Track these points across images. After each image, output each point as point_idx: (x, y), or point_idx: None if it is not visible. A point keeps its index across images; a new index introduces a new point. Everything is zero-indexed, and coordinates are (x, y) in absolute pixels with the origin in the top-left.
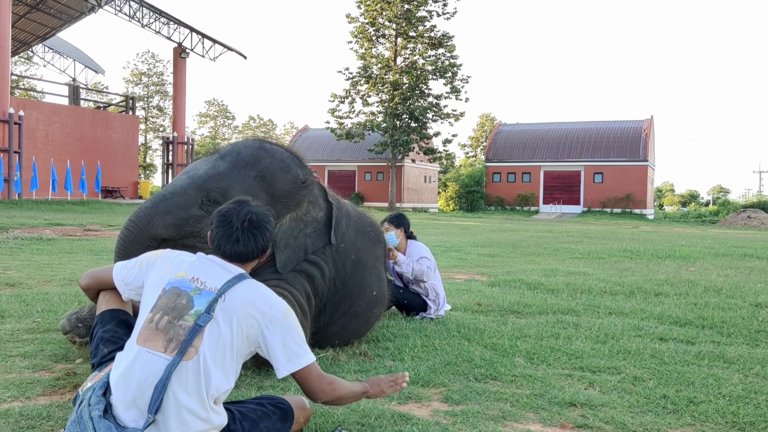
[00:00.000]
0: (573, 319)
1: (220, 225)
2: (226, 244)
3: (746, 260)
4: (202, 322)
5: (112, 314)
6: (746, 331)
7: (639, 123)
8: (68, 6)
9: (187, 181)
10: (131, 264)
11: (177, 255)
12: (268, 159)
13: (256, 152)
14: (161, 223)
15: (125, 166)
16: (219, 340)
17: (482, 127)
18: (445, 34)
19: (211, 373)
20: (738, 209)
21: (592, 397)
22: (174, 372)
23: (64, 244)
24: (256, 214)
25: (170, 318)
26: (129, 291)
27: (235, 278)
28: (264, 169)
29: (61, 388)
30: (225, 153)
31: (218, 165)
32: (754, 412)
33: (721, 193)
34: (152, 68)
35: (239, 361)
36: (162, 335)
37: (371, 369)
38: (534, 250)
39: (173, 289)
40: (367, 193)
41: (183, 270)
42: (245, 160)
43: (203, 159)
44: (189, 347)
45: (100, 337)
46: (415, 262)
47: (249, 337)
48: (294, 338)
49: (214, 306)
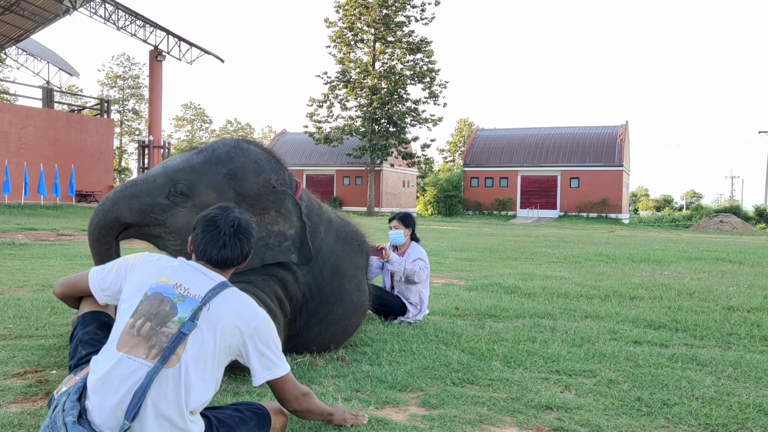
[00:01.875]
0: (549, 322)
1: (206, 230)
2: (213, 249)
3: (719, 264)
4: (186, 330)
5: (94, 316)
6: (718, 334)
7: (614, 129)
8: (42, 8)
9: (159, 170)
10: (107, 269)
11: (157, 259)
12: (242, 158)
13: (232, 150)
14: (126, 206)
15: (100, 169)
16: (202, 349)
17: (460, 132)
18: (423, 40)
19: (192, 383)
20: (711, 214)
21: (568, 400)
22: (154, 379)
23: (36, 249)
24: (242, 219)
25: (153, 324)
26: (106, 296)
27: (218, 286)
28: (236, 167)
29: (33, 395)
30: (202, 149)
31: (192, 159)
32: (726, 414)
33: (695, 198)
34: (128, 71)
35: (220, 370)
36: (144, 342)
37: (349, 374)
38: (511, 254)
39: (156, 294)
40: (345, 197)
41: (165, 275)
42: (219, 156)
43: (182, 153)
44: (171, 355)
45: (79, 338)
46: (409, 262)
47: (231, 347)
48: (272, 348)
49: (199, 314)
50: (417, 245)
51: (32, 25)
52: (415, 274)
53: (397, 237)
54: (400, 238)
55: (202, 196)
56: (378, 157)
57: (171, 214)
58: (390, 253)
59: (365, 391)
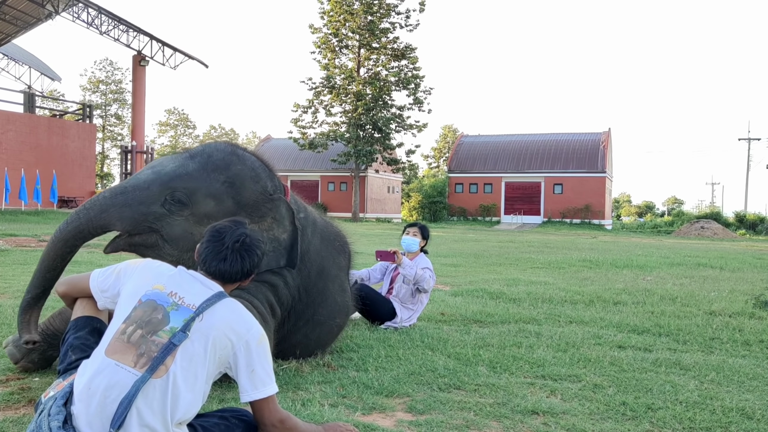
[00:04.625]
0: (534, 328)
1: (211, 241)
2: (213, 261)
3: (700, 269)
4: (176, 341)
5: (87, 321)
6: (701, 339)
7: (597, 135)
8: (24, 12)
9: (152, 177)
10: (109, 271)
11: (158, 266)
12: (239, 165)
13: (228, 157)
14: (117, 215)
15: (82, 175)
16: (192, 361)
17: (445, 138)
18: (408, 46)
19: (180, 394)
20: (692, 220)
21: (553, 405)
22: (141, 389)
23: (17, 255)
24: (249, 237)
25: (143, 332)
26: (105, 299)
27: (214, 296)
28: (234, 175)
29: (16, 402)
30: (195, 153)
31: (187, 164)
32: (710, 418)
33: (676, 204)
34: (110, 76)
35: (209, 382)
36: (133, 349)
37: (335, 380)
38: (496, 260)
39: (149, 301)
40: (330, 203)
41: (162, 282)
42: (216, 163)
43: (171, 156)
44: (160, 365)
45: (70, 343)
46: (420, 268)
47: (221, 358)
48: (263, 366)
49: (191, 325)
50: (425, 257)
51: (14, 29)
52: (425, 280)
53: (413, 244)
54: (415, 246)
55: (201, 204)
56: (363, 163)
57: (167, 222)
58: (402, 256)
59: (352, 397)
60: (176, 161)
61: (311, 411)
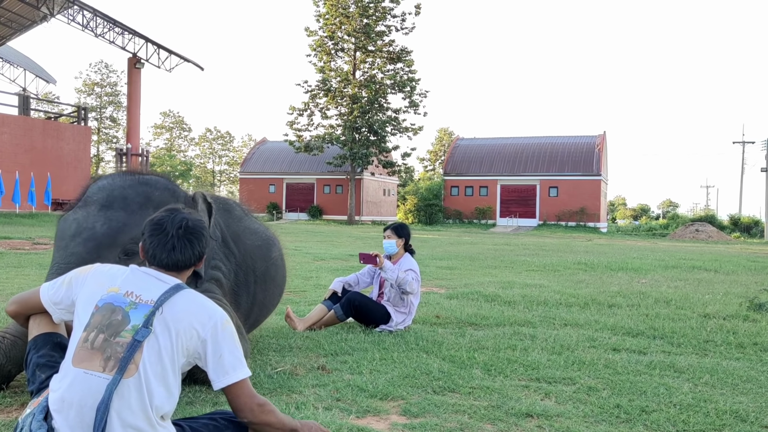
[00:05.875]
0: (529, 330)
1: (153, 234)
2: (162, 253)
3: (695, 272)
4: (140, 337)
5: (46, 338)
6: (695, 341)
7: (592, 138)
8: (19, 15)
9: (91, 245)
10: (58, 283)
11: (108, 269)
12: (157, 192)
13: (142, 189)
14: None
15: (77, 177)
16: (159, 354)
17: (440, 141)
18: (404, 49)
19: (154, 389)
20: (687, 223)
21: (548, 408)
22: (115, 391)
23: (11, 258)
24: (191, 220)
25: (106, 336)
26: (59, 311)
27: (171, 289)
28: (159, 203)
29: (8, 406)
30: (105, 200)
31: (112, 216)
32: (704, 420)
33: (671, 207)
34: (105, 78)
35: (178, 374)
36: (99, 354)
37: (329, 383)
38: (491, 262)
39: (107, 305)
40: (325, 205)
41: (116, 285)
42: (136, 201)
43: (81, 213)
44: (129, 364)
45: (35, 363)
46: (402, 271)
47: (188, 349)
48: (231, 350)
49: (152, 319)
50: (410, 257)
51: (9, 31)
52: (407, 283)
53: (390, 247)
54: (392, 248)
55: None
56: (358, 166)
57: None
58: (384, 260)
59: (346, 400)
60: (96, 218)
61: (305, 414)
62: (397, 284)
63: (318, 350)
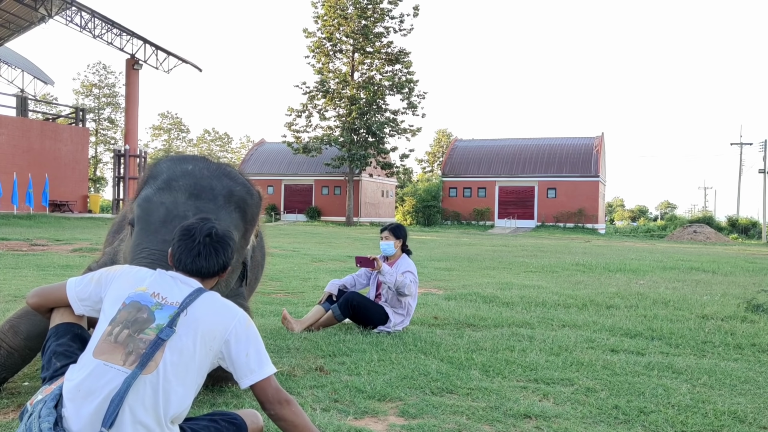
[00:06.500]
0: (527, 331)
1: (182, 239)
2: (187, 258)
3: (693, 273)
4: (164, 336)
5: (67, 328)
6: (693, 342)
7: (590, 140)
8: (17, 16)
9: None
10: (86, 280)
11: (137, 271)
12: (238, 187)
13: (226, 182)
14: None
15: (74, 179)
16: (182, 355)
17: (439, 143)
18: (402, 50)
19: (171, 389)
20: (684, 224)
21: (546, 409)
22: (132, 385)
23: (9, 259)
24: (219, 230)
25: (130, 332)
26: (84, 307)
27: (195, 292)
28: (239, 199)
29: (5, 407)
30: (194, 188)
31: (202, 207)
32: (702, 422)
33: (669, 209)
34: (103, 80)
35: (202, 374)
36: (121, 348)
37: (327, 384)
38: (489, 264)
39: (133, 303)
40: (324, 207)
41: (144, 284)
42: (222, 194)
43: (168, 198)
44: (150, 361)
45: (53, 350)
46: (399, 274)
47: (212, 350)
48: (256, 348)
49: (177, 320)
50: (407, 258)
51: (7, 32)
52: (405, 286)
53: (387, 248)
54: (390, 249)
55: None
56: (357, 167)
57: None
58: (382, 264)
59: (344, 401)
60: (188, 207)
61: None
62: (395, 287)
63: (316, 351)
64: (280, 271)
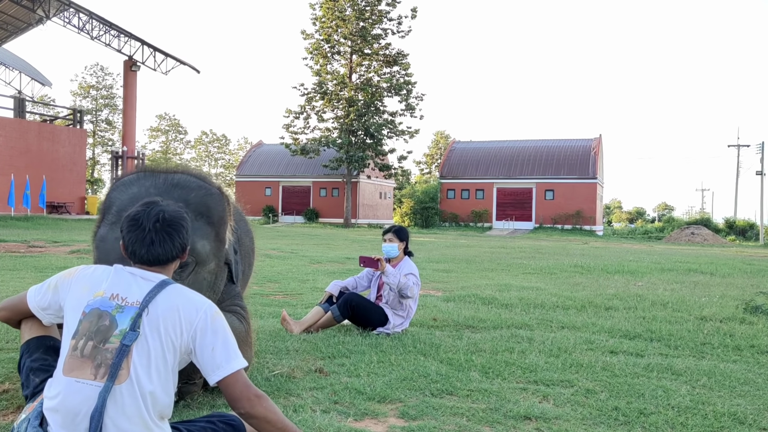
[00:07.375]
0: (526, 333)
1: (131, 230)
2: (141, 249)
3: (691, 275)
4: (128, 341)
5: (38, 341)
6: (692, 344)
7: (588, 142)
8: (15, 17)
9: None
10: (44, 287)
11: (92, 271)
12: (192, 194)
13: (177, 193)
14: None
15: (72, 180)
16: (149, 356)
17: (437, 145)
18: (400, 52)
19: (147, 392)
20: (682, 226)
21: (546, 410)
22: (108, 398)
23: (6, 261)
24: (168, 212)
25: (95, 343)
26: (48, 315)
27: (156, 287)
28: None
29: (4, 409)
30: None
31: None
32: (702, 423)
33: (666, 210)
34: (101, 81)
35: (174, 371)
36: (89, 362)
37: (327, 385)
38: (488, 265)
39: (94, 311)
40: (322, 209)
41: (101, 288)
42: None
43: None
44: (119, 370)
45: (29, 367)
46: (403, 275)
47: (179, 346)
48: (224, 342)
49: (139, 321)
50: (409, 260)
51: (4, 34)
52: (408, 288)
53: (391, 250)
54: (394, 251)
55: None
56: (355, 169)
57: None
58: (386, 265)
59: (344, 403)
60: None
61: (303, 417)
62: (397, 289)
63: (315, 353)
64: (279, 272)
